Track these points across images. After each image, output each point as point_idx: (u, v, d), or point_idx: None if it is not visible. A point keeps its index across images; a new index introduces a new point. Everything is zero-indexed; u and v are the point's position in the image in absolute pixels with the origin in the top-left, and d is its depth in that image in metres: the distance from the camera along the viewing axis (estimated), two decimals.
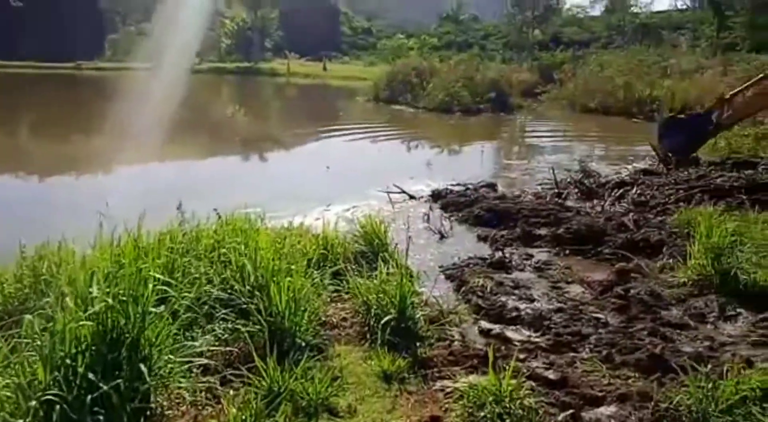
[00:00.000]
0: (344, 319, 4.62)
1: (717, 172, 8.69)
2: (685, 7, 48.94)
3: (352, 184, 10.52)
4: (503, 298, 5.15)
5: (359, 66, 52.96)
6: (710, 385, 3.15)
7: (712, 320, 4.70)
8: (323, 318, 4.51)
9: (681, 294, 5.17)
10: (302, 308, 4.09)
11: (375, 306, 4.41)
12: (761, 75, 10.37)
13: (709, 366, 3.52)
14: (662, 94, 24.57)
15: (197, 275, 4.28)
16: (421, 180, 10.90)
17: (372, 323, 4.35)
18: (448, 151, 17.60)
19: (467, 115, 25.11)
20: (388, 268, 4.83)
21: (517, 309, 4.92)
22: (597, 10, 54.77)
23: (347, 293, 4.85)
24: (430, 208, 8.76)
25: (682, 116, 10.90)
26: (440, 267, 6.22)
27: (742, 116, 10.53)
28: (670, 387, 3.47)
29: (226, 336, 3.89)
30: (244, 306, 4.05)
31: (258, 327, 3.88)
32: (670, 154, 10.56)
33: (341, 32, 70.57)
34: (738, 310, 4.75)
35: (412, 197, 9.58)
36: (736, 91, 10.73)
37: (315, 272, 4.82)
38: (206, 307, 4.05)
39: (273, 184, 11.29)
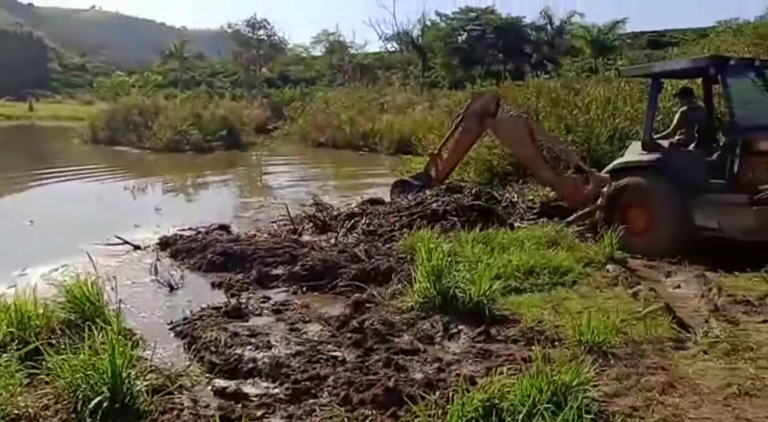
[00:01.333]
0: (46, 408, 3.82)
1: (432, 197, 9.50)
2: (394, 49, 54.25)
3: (63, 239, 9.18)
4: (239, 350, 4.81)
5: (73, 105, 48.17)
6: (439, 412, 3.23)
7: (438, 340, 4.94)
8: (16, 411, 3.66)
9: (410, 318, 5.37)
10: None
11: (83, 386, 3.72)
12: (456, 121, 11.50)
13: (438, 391, 3.62)
14: (382, 127, 26.70)
15: None
16: (149, 227, 10.04)
17: (80, 407, 3.66)
18: (178, 193, 16.69)
19: (199, 154, 24.30)
20: (101, 337, 4.16)
21: (254, 360, 4.61)
22: (318, 50, 57.89)
23: (48, 375, 4.04)
24: (158, 258, 8.04)
25: (408, 179, 11.71)
26: (169, 323, 5.64)
27: (454, 164, 11.57)
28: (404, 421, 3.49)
29: None
30: None
31: None
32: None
33: (50, 69, 63.60)
34: (459, 327, 5.07)
35: (137, 248, 8.72)
36: (440, 145, 11.88)
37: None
38: None
39: None
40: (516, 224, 9.05)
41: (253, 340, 5.03)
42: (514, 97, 15.06)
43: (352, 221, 9.46)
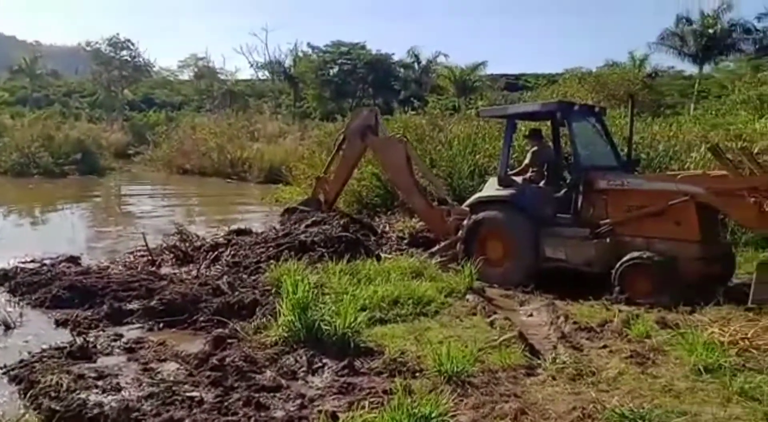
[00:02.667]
0: None
1: (301, 229, 9.42)
2: (265, 77, 53.87)
3: None
4: (83, 394, 4.41)
5: None
6: None
7: (302, 375, 4.85)
8: None
9: (274, 353, 5.23)
10: None
11: None
12: (339, 141, 11.52)
13: None
14: (252, 155, 26.28)
15: None
16: None
17: None
18: (22, 221, 15.26)
19: (50, 179, 22.47)
20: None
21: (100, 404, 4.25)
22: (186, 75, 56.08)
23: None
24: None
25: (298, 206, 11.50)
26: (2, 367, 5.07)
27: (342, 185, 11.55)
28: None
29: None
30: None
31: None
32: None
33: None
34: (324, 361, 5.02)
35: None
36: (325, 167, 11.91)
37: None
38: None
39: None
40: (383, 255, 9.19)
41: (100, 383, 4.65)
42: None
43: (216, 252, 9.14)
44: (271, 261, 8.22)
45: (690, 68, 34.90)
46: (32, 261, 8.70)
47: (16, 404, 4.43)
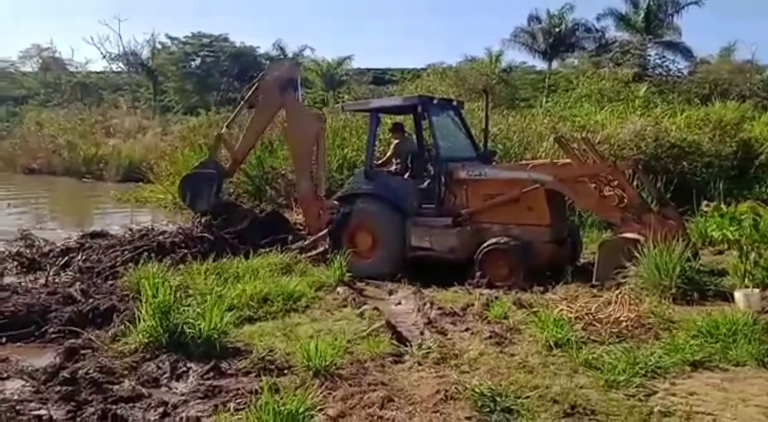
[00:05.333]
0: None
1: (159, 230, 8.99)
2: (120, 70, 50.55)
3: None
4: None
5: None
6: None
7: (164, 382, 4.62)
8: None
9: (133, 361, 4.94)
10: None
11: None
12: (247, 95, 10.64)
13: None
14: (108, 152, 24.68)
15: None
16: None
17: None
18: None
19: None
20: None
21: None
22: (30, 67, 51.32)
23: None
24: None
25: (196, 170, 10.49)
26: None
27: (252, 143, 10.67)
28: None
29: None
30: None
31: None
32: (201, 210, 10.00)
33: None
34: (188, 365, 4.82)
35: None
36: (227, 123, 11.11)
37: None
38: None
39: None
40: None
41: None
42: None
43: (67, 257, 8.48)
44: (129, 264, 7.78)
45: (540, 64, 37.47)
46: None
47: None
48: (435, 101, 8.75)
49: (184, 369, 4.80)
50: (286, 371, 4.62)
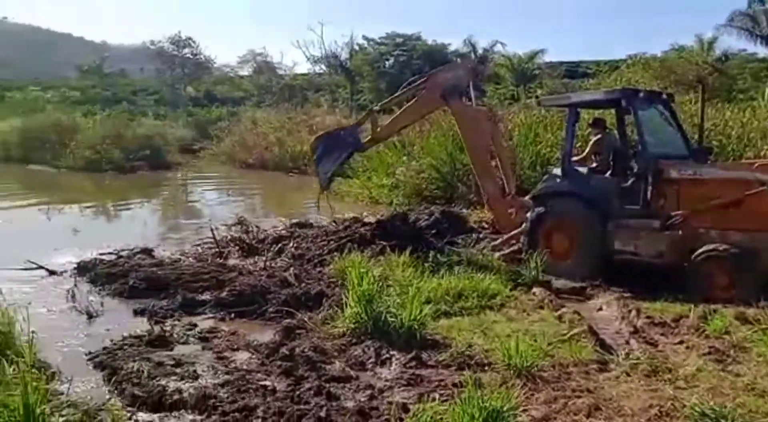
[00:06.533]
0: None
1: (359, 223, 9.54)
2: (322, 71, 54.28)
3: None
4: (163, 381, 4.62)
5: None
6: None
7: (370, 367, 4.92)
8: None
9: (342, 344, 5.33)
10: None
11: None
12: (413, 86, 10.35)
13: (371, 420, 3.59)
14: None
15: None
16: (69, 250, 9.48)
17: None
18: (100, 214, 15.97)
19: (121, 174, 23.36)
20: (13, 370, 3.90)
21: (179, 391, 4.44)
22: (246, 70, 57.17)
23: None
24: (76, 284, 7.65)
25: (335, 132, 10.83)
26: (87, 354, 5.35)
27: (399, 128, 10.83)
28: None
29: None
30: None
31: None
32: (327, 177, 10.41)
33: None
34: (391, 353, 5.07)
35: (52, 273, 8.28)
36: (383, 103, 11.33)
37: None
38: None
39: None
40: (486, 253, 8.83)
41: (178, 370, 4.85)
42: (440, 123, 15.36)
43: (280, 244, 9.33)
44: (334, 253, 8.35)
45: (763, 50, 33.12)
46: (109, 253, 9.08)
47: (101, 389, 4.65)
48: (641, 94, 8.16)
49: (387, 356, 5.06)
50: (485, 367, 4.65)
